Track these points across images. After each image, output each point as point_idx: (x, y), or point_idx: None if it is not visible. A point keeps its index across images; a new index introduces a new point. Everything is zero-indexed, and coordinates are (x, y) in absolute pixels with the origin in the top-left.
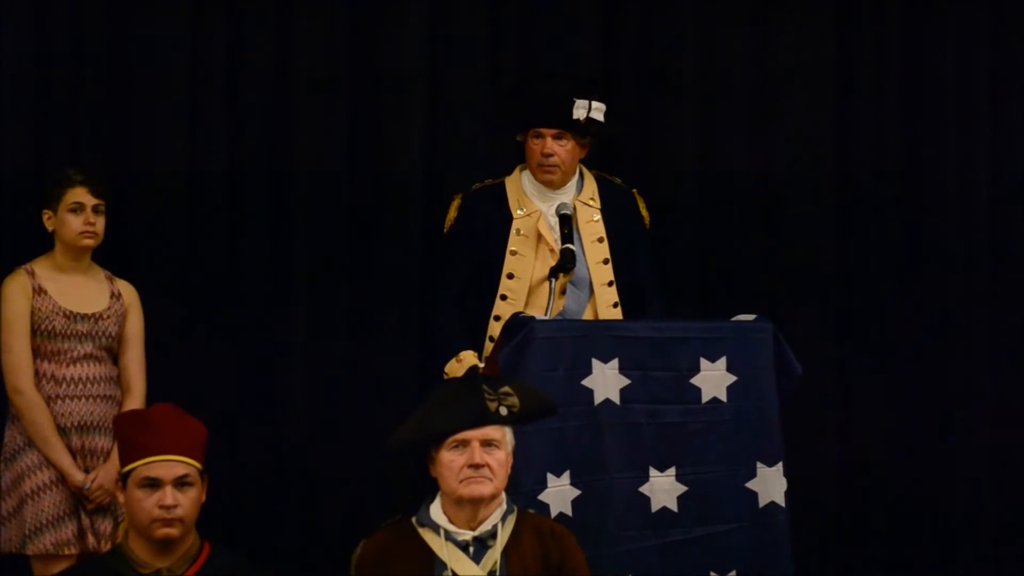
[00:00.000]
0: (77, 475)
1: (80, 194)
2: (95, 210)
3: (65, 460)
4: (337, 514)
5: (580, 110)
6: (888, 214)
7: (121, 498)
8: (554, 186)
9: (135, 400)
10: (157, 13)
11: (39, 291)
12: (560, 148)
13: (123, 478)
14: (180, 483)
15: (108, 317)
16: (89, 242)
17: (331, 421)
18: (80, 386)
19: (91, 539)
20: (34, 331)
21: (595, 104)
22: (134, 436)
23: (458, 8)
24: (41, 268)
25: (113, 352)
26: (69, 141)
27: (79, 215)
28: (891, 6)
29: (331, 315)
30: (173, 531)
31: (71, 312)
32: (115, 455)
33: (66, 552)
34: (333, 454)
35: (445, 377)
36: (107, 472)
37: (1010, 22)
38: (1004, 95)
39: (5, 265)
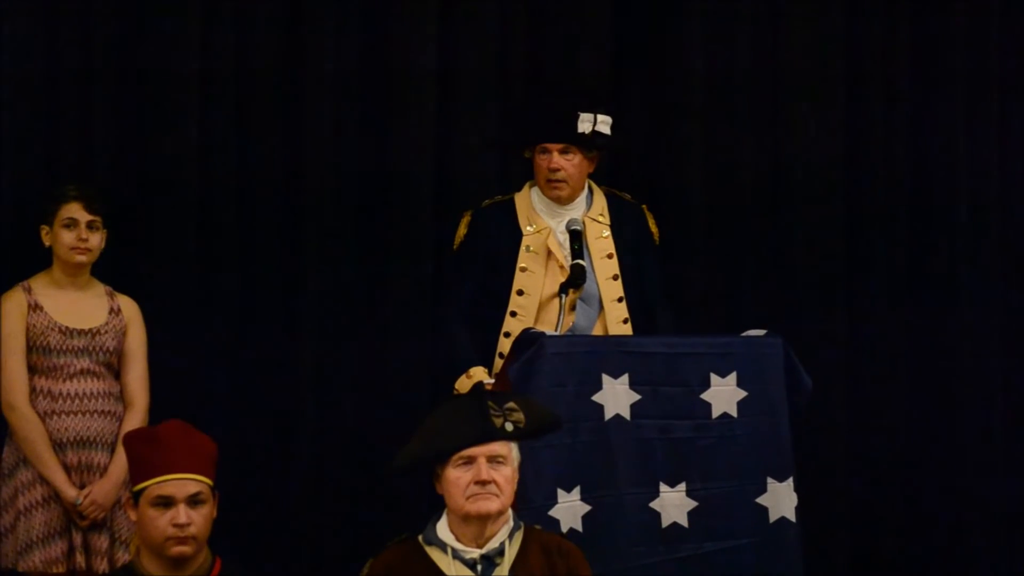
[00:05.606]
0: (70, 491)
1: (74, 210)
2: (89, 226)
3: (58, 476)
4: (346, 531)
5: (585, 124)
6: (896, 218)
7: (133, 516)
8: (562, 202)
9: (137, 416)
10: (166, 15)
11: (35, 307)
12: (567, 163)
13: (135, 496)
14: (193, 501)
15: (106, 332)
16: (82, 258)
17: (340, 437)
18: (77, 401)
19: (79, 558)
20: (30, 347)
21: (600, 117)
22: (145, 454)
23: (468, 17)
24: (39, 284)
25: (113, 367)
26: (78, 152)
27: (72, 231)
28: (900, 9)
29: (340, 328)
30: (187, 549)
31: (66, 328)
32: (112, 471)
33: (55, 571)
34: (342, 470)
35: (455, 393)
36: (101, 488)
37: (1019, 24)
38: (1013, 97)
39: (19, 276)
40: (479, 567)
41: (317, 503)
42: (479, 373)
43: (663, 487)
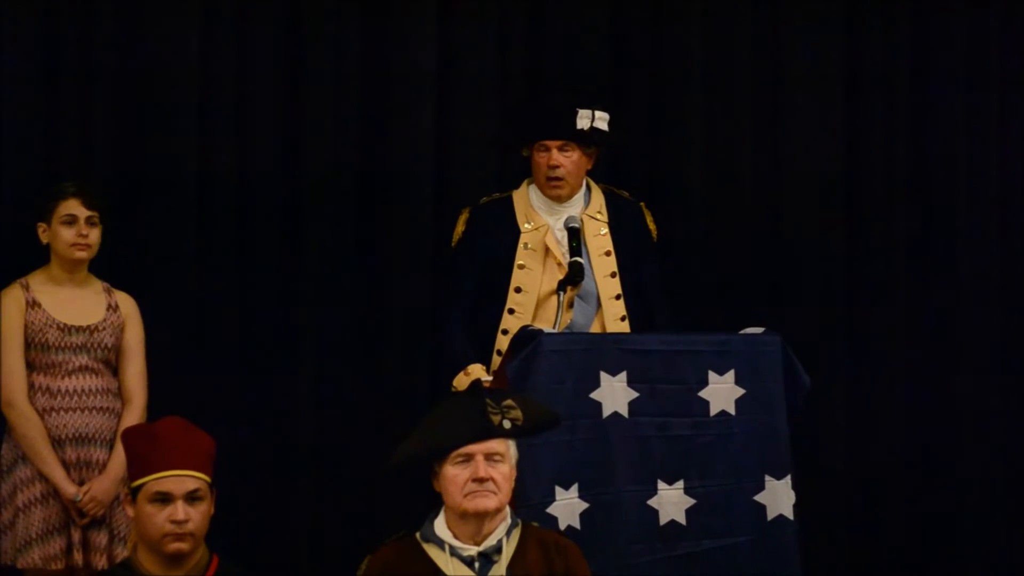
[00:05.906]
0: (69, 488)
1: (73, 206)
2: (88, 222)
3: (57, 473)
4: (343, 528)
5: (583, 120)
6: (896, 218)
7: (131, 512)
8: (562, 200)
9: (135, 412)
10: (166, 14)
11: (33, 304)
12: (566, 159)
13: (133, 493)
14: (191, 498)
15: (104, 329)
16: (82, 254)
17: (338, 434)
18: (75, 398)
19: (78, 555)
20: (28, 344)
21: (599, 114)
22: (143, 451)
23: (467, 15)
24: (36, 281)
25: (112, 364)
26: (78, 152)
27: (72, 227)
28: (900, 6)
29: (340, 327)
30: (184, 546)
31: (65, 324)
32: (110, 467)
33: (53, 567)
34: (340, 467)
35: (453, 390)
36: (100, 484)
37: (1019, 22)
38: (1013, 95)
39: (17, 273)
40: (477, 564)
41: (315, 501)
42: (477, 370)
43: (661, 485)
